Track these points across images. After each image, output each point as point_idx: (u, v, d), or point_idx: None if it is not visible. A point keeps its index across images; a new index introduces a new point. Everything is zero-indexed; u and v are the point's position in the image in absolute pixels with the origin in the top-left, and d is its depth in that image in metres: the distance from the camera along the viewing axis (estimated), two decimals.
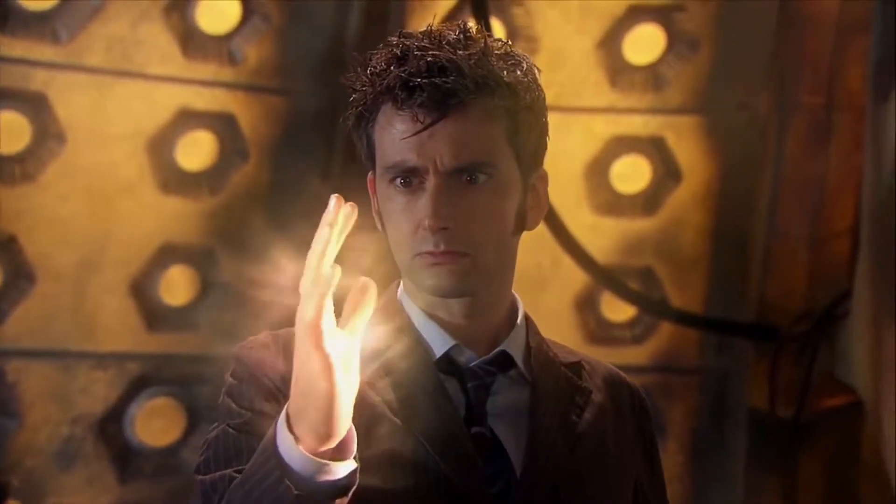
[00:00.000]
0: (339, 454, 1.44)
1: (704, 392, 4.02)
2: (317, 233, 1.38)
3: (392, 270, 1.69)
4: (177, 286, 3.99)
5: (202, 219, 3.96)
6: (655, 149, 4.00)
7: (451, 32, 1.64)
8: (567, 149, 3.95)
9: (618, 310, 4.07)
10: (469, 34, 1.64)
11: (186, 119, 3.90)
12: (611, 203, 4.03)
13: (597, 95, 3.98)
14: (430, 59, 1.59)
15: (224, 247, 3.98)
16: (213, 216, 3.96)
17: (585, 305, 4.07)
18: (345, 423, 1.42)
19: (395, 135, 1.61)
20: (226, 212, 3.96)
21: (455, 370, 1.64)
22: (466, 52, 1.61)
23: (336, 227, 1.37)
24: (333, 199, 1.38)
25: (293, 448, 1.41)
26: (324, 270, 1.36)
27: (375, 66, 1.63)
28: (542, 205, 1.71)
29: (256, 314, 4.00)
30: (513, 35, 3.87)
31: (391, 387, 1.60)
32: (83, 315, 3.86)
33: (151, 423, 4.01)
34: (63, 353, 3.87)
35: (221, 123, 3.93)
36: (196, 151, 3.93)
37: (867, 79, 3.75)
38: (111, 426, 3.96)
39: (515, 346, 1.69)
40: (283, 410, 1.45)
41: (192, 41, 3.86)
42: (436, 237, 1.59)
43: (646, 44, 3.95)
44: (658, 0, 3.94)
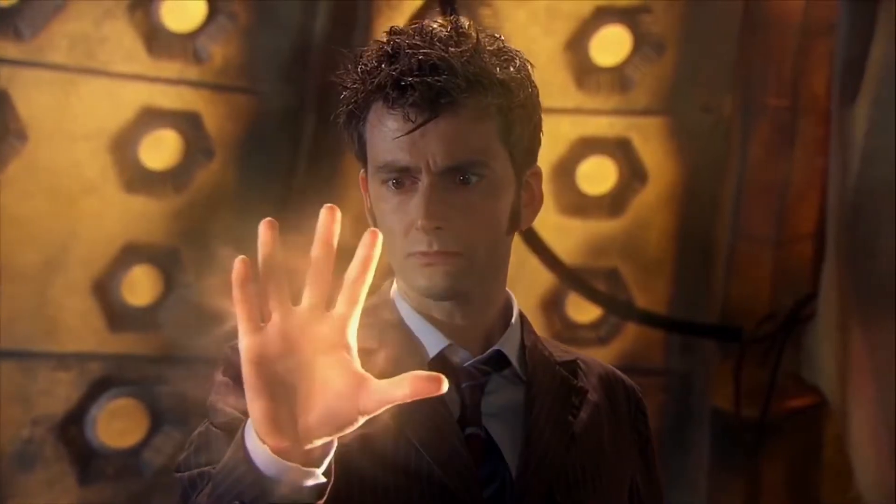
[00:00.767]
0: (306, 459, 1.35)
1: (669, 393, 4.04)
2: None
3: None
4: (140, 286, 3.95)
5: (166, 218, 3.92)
6: (621, 150, 4.00)
7: (443, 29, 1.62)
8: None
9: (583, 311, 4.07)
10: (461, 30, 1.62)
11: (151, 118, 3.86)
12: (577, 204, 4.03)
13: (563, 96, 3.98)
14: (422, 58, 1.57)
15: (188, 247, 3.95)
16: (178, 216, 3.93)
17: (551, 306, 4.07)
18: (281, 422, 1.33)
19: (387, 134, 1.59)
20: (190, 211, 3.93)
21: (449, 370, 1.61)
22: (458, 50, 1.59)
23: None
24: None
25: (257, 445, 1.36)
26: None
27: (366, 64, 1.62)
28: (537, 202, 1.69)
29: (221, 315, 3.99)
30: None
31: None
32: (45, 315, 3.82)
33: (113, 425, 3.97)
34: (24, 354, 3.82)
35: (186, 122, 3.90)
36: (160, 150, 3.90)
37: (832, 81, 3.77)
38: (72, 427, 3.92)
39: (510, 345, 1.67)
40: None
41: (157, 39, 3.83)
42: (428, 237, 1.58)
43: (612, 45, 3.96)
44: (624, 2, 3.95)
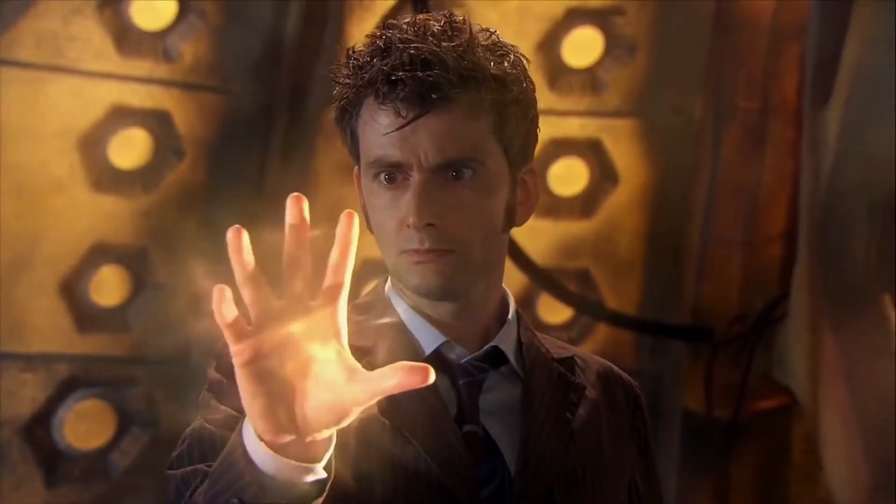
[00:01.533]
0: (304, 455, 1.34)
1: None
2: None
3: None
4: (108, 286, 3.92)
5: (135, 218, 3.89)
6: (592, 152, 4.01)
7: (436, 23, 1.60)
8: None
9: (554, 311, 4.07)
10: (455, 24, 1.60)
11: (120, 116, 3.83)
12: (548, 205, 4.03)
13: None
14: (413, 52, 1.55)
15: (157, 247, 3.92)
16: (147, 215, 3.90)
17: (522, 307, 4.02)
18: (277, 418, 1.31)
19: (378, 129, 1.57)
20: (159, 211, 3.90)
21: (445, 367, 1.60)
22: (451, 44, 1.57)
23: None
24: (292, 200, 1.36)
25: (255, 442, 1.34)
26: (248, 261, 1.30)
27: (358, 59, 1.60)
28: (533, 200, 1.67)
29: (190, 316, 3.97)
30: None
31: None
32: (11, 316, 3.78)
33: (80, 426, 3.94)
34: None
35: (156, 121, 3.87)
36: (130, 149, 3.87)
37: (804, 84, 3.79)
38: (39, 429, 3.88)
39: (507, 342, 1.66)
40: None
41: (127, 38, 3.80)
42: (420, 234, 1.56)
43: (584, 47, 3.96)
44: (596, 3, 3.96)
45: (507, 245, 1.69)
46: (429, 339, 1.62)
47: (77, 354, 3.90)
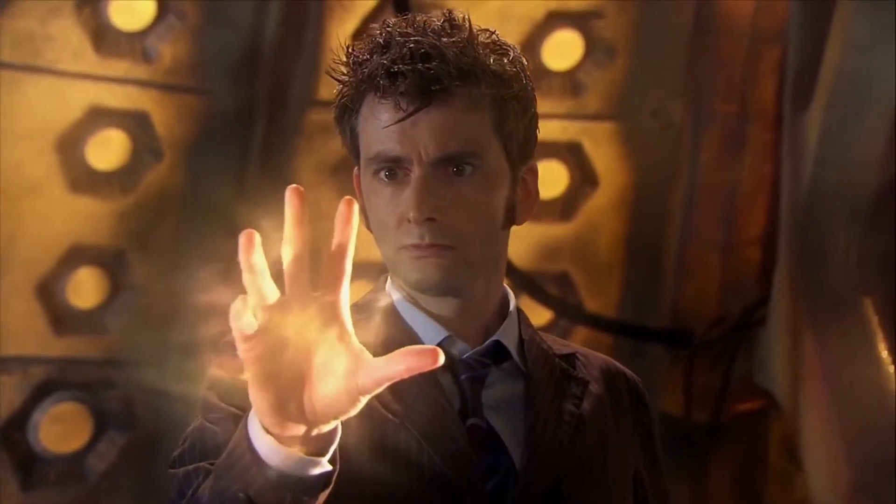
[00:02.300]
0: (310, 447, 1.34)
1: None
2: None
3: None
4: (85, 288, 3.90)
5: (113, 220, 3.87)
6: (572, 154, 4.01)
7: (436, 20, 1.60)
8: None
9: (533, 314, 4.05)
10: (454, 22, 1.60)
11: (98, 117, 3.81)
12: None
13: None
14: (413, 46, 1.55)
15: (135, 248, 3.90)
16: (124, 217, 3.88)
17: None
18: (283, 409, 1.31)
19: (378, 124, 1.57)
20: (137, 213, 3.88)
21: (448, 362, 1.59)
22: (451, 40, 1.57)
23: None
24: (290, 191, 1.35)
25: (262, 435, 1.34)
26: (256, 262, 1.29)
27: (358, 56, 1.59)
28: (533, 199, 1.67)
29: (167, 318, 3.95)
30: None
31: None
32: None
33: (56, 429, 3.91)
34: None
35: (134, 122, 3.85)
36: (108, 150, 3.85)
37: (783, 87, 3.81)
38: (14, 432, 3.86)
39: (509, 338, 1.65)
40: None
41: (105, 38, 3.78)
42: (420, 229, 1.55)
43: (564, 50, 3.97)
44: (576, 6, 3.96)
45: (507, 244, 1.69)
46: (430, 335, 1.62)
47: (53, 357, 3.88)
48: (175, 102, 3.87)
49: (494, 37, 1.63)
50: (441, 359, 1.27)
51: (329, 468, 1.34)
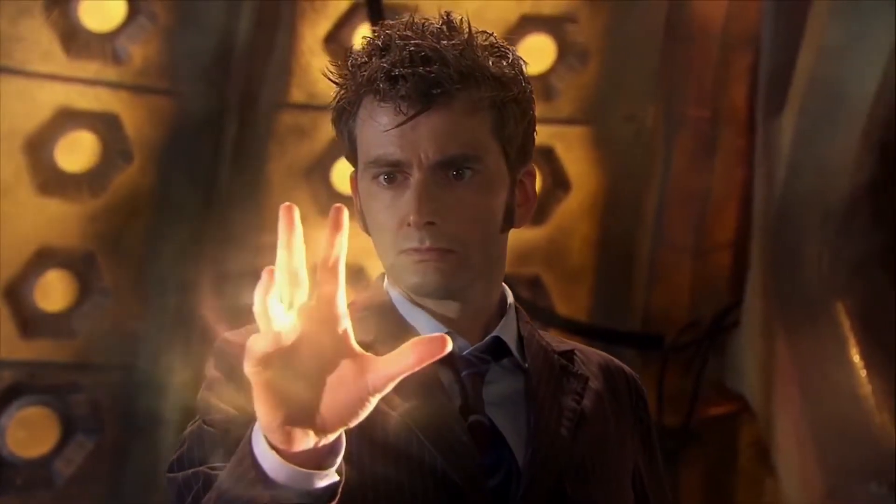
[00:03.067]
0: (316, 462, 1.33)
1: None
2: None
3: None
4: (53, 291, 3.86)
5: (82, 222, 3.84)
6: (545, 159, 4.00)
7: (434, 22, 1.59)
8: None
9: None
10: (452, 24, 1.60)
11: (67, 118, 3.78)
12: None
13: None
14: (413, 49, 1.54)
15: (104, 252, 3.87)
16: (94, 220, 3.85)
17: None
18: (296, 430, 1.31)
19: (378, 128, 1.56)
20: (107, 215, 3.85)
21: (448, 359, 1.58)
22: (450, 43, 1.57)
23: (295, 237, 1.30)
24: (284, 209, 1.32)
25: (267, 452, 1.33)
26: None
27: (357, 59, 1.58)
28: (531, 202, 1.66)
29: (136, 322, 3.91)
30: None
31: None
32: None
33: (23, 434, 3.87)
34: None
35: (104, 124, 3.82)
36: (77, 152, 3.81)
37: (756, 92, 3.83)
38: None
39: (508, 334, 1.65)
40: None
41: (75, 39, 3.75)
42: (421, 233, 1.54)
43: (537, 54, 3.96)
44: (550, 11, 3.96)
45: (506, 247, 1.68)
46: (430, 331, 1.58)
47: (21, 361, 3.84)
48: (145, 104, 3.84)
49: (493, 39, 1.63)
50: (450, 344, 1.27)
51: (336, 479, 1.34)
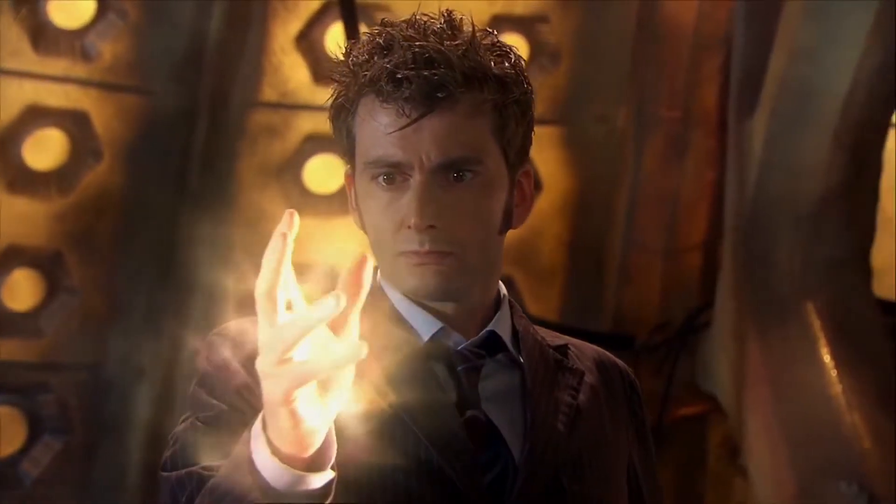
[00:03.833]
0: (316, 464, 1.33)
1: None
2: (270, 246, 1.24)
3: None
4: (21, 290, 3.83)
5: (50, 221, 3.81)
6: None
7: (436, 22, 1.57)
8: None
9: None
10: (454, 23, 1.58)
11: (36, 116, 3.75)
12: None
13: None
14: (417, 50, 1.52)
15: (72, 250, 3.84)
16: (62, 218, 3.82)
17: None
18: (315, 438, 1.30)
19: (379, 129, 1.54)
20: (75, 214, 3.82)
21: (443, 354, 1.57)
22: (453, 43, 1.55)
23: (290, 238, 1.25)
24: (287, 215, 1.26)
25: (267, 457, 1.31)
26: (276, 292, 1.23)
27: (357, 56, 1.56)
28: (528, 202, 1.65)
29: (104, 321, 3.88)
30: None
31: (379, 373, 1.51)
32: None
33: None
34: None
35: (73, 121, 3.79)
36: (45, 150, 3.79)
37: (728, 94, 3.84)
38: None
39: (502, 328, 1.64)
40: (260, 416, 1.33)
41: (44, 36, 3.72)
42: (421, 236, 1.53)
43: None
44: (521, 10, 3.96)
45: (503, 248, 1.67)
46: (425, 327, 1.59)
47: None
48: (115, 102, 3.81)
49: (493, 38, 1.62)
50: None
51: (331, 475, 1.33)
